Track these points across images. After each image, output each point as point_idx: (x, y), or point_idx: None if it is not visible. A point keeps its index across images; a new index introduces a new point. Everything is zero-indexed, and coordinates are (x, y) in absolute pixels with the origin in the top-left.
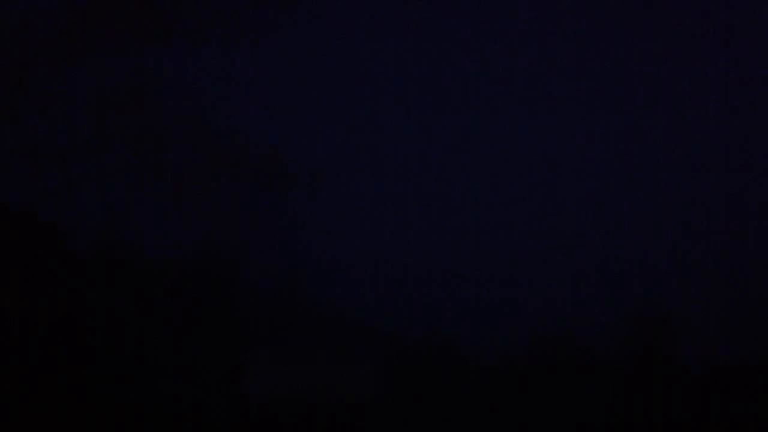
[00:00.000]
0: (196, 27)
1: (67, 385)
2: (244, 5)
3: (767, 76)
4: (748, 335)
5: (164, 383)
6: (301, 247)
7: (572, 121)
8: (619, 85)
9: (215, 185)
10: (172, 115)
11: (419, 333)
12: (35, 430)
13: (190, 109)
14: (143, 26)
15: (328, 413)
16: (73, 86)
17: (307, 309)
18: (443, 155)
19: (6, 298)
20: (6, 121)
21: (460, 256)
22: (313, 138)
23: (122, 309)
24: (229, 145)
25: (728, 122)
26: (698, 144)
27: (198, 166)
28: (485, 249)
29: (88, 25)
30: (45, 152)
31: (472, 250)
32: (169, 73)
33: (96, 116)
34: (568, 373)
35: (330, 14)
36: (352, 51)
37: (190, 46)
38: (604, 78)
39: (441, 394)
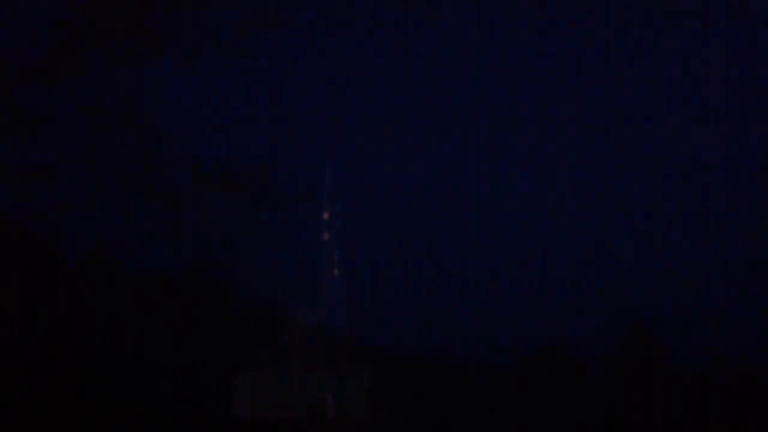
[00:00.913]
0: (188, 46)
1: (67, 385)
2: (237, 26)
3: (767, 76)
4: (742, 344)
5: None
6: (292, 264)
7: (568, 132)
8: (618, 86)
9: (206, 200)
10: (164, 130)
11: (411, 347)
12: (35, 430)
13: (182, 125)
14: (135, 44)
15: (320, 429)
16: (66, 102)
17: (297, 324)
18: (432, 172)
19: (6, 303)
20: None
21: (453, 270)
22: (305, 154)
23: (116, 317)
24: (220, 160)
25: (726, 127)
26: (695, 148)
27: (189, 182)
28: (477, 263)
29: (81, 43)
30: (38, 167)
31: (464, 264)
32: (161, 90)
33: (90, 131)
34: (562, 385)
35: (323, 33)
36: (344, 71)
37: (182, 65)
38: (602, 81)
39: (434, 407)
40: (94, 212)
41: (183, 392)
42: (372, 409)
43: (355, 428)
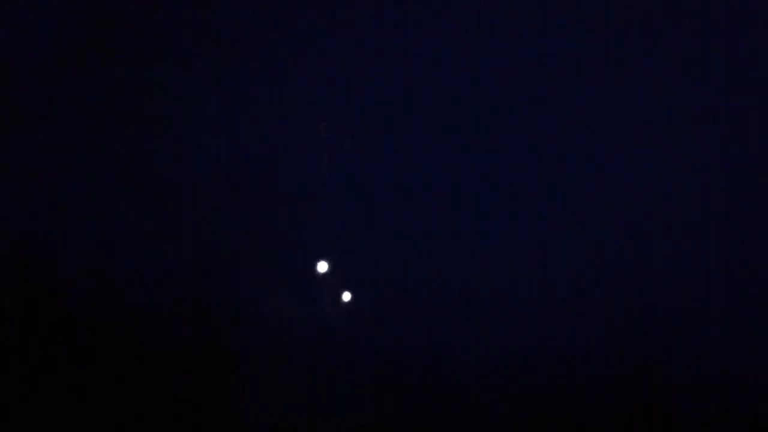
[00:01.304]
0: (191, 46)
1: (67, 385)
2: (239, 25)
3: (767, 76)
4: (742, 344)
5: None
6: (292, 263)
7: (568, 132)
8: (618, 86)
9: (206, 200)
10: (164, 130)
11: (411, 347)
12: (35, 430)
13: (183, 125)
14: (135, 44)
15: (320, 429)
16: (66, 102)
17: (297, 325)
18: (432, 172)
19: (6, 303)
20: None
21: (453, 270)
22: (305, 156)
23: (116, 317)
24: (221, 160)
25: (726, 127)
26: (695, 148)
27: (189, 181)
28: (477, 263)
29: (81, 43)
30: (37, 168)
31: (464, 265)
32: (161, 90)
33: (90, 131)
34: (561, 385)
35: (325, 34)
36: (346, 71)
37: (186, 65)
38: (600, 82)
39: (434, 407)
40: (94, 212)
41: (183, 392)
42: (372, 409)
43: (355, 428)
